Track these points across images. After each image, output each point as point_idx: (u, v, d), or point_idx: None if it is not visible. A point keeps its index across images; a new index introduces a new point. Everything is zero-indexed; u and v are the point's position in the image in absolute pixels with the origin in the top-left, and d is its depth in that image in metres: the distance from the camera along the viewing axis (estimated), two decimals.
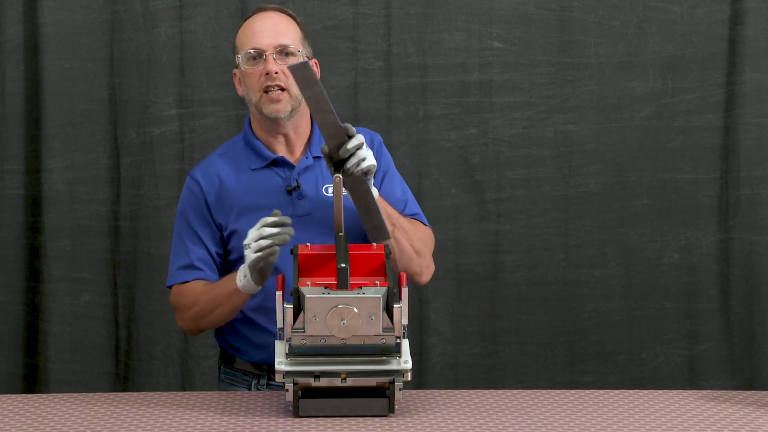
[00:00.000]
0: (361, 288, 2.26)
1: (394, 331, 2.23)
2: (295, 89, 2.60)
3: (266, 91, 2.60)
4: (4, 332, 3.66)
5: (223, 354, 2.75)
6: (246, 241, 2.43)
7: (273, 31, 2.62)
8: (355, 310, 2.21)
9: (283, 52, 2.61)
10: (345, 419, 2.25)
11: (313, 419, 2.25)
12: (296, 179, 2.64)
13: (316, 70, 2.67)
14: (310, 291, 2.23)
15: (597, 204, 3.73)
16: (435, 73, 3.68)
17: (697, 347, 3.76)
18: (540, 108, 3.71)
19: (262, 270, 2.43)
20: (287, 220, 2.42)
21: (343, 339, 2.23)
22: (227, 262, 2.69)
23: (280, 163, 2.66)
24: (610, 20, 3.69)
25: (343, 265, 2.25)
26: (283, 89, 2.60)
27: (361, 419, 2.25)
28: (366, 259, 2.34)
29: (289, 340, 2.24)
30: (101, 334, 3.67)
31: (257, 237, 2.40)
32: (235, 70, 2.69)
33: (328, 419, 2.25)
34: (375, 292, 2.24)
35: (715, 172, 3.74)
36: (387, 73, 3.67)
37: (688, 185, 3.74)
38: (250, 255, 2.41)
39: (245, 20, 2.69)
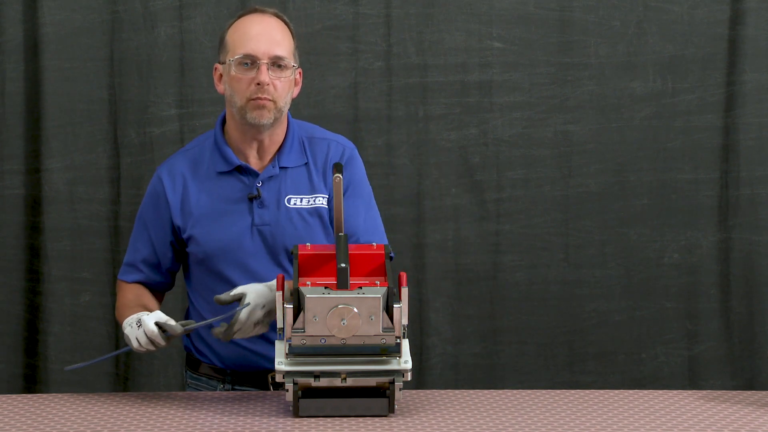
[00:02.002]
0: (361, 288, 2.26)
1: (394, 331, 2.23)
2: (281, 101, 2.56)
3: (253, 98, 2.56)
4: (4, 332, 3.65)
5: (189, 358, 2.76)
6: (133, 323, 2.44)
7: (269, 40, 2.56)
8: (355, 310, 2.21)
9: (277, 63, 2.56)
10: (345, 419, 2.25)
11: (313, 419, 2.25)
12: (257, 188, 2.60)
13: (299, 78, 2.64)
14: (310, 291, 2.23)
15: (597, 204, 3.73)
16: (435, 73, 3.68)
17: (697, 347, 3.76)
18: (540, 108, 3.71)
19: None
20: (174, 331, 2.42)
21: (343, 339, 2.23)
22: (182, 259, 2.70)
23: (244, 170, 2.61)
24: (610, 20, 3.69)
25: (343, 265, 2.25)
26: (270, 99, 2.56)
27: (361, 419, 2.25)
28: (366, 259, 2.34)
29: (289, 340, 2.24)
30: (101, 334, 3.66)
31: (139, 333, 2.43)
32: (218, 66, 2.64)
33: (328, 419, 2.25)
34: (375, 292, 2.24)
35: (715, 172, 3.74)
36: (387, 73, 3.67)
37: (688, 185, 3.74)
38: (132, 334, 2.44)
39: (239, 17, 2.63)
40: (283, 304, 2.25)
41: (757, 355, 3.75)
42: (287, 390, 2.25)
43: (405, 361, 2.26)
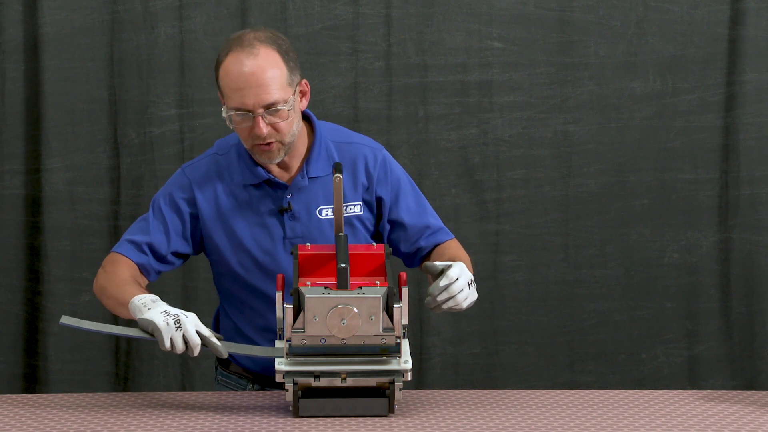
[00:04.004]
0: (361, 288, 2.26)
1: (394, 331, 2.23)
2: (287, 137, 2.48)
3: (257, 144, 2.49)
4: (4, 332, 3.66)
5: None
6: (170, 320, 2.30)
7: (257, 88, 2.42)
8: (355, 310, 2.21)
9: (272, 108, 2.45)
10: (345, 419, 2.25)
11: (313, 419, 2.25)
12: (288, 201, 2.57)
13: (307, 90, 2.56)
14: (310, 291, 2.23)
15: (597, 204, 3.73)
16: (435, 73, 3.68)
17: (697, 347, 3.77)
18: (540, 108, 3.71)
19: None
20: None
21: (343, 339, 2.23)
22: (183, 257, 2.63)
23: (273, 183, 2.57)
24: (610, 20, 3.69)
25: (343, 265, 2.25)
26: (274, 141, 2.49)
27: (361, 419, 2.25)
28: (366, 259, 2.34)
29: (289, 340, 2.24)
30: (101, 334, 3.66)
31: (176, 335, 2.29)
32: (220, 96, 2.52)
33: (328, 419, 2.25)
34: (375, 292, 2.24)
35: (715, 172, 3.74)
36: (387, 73, 3.67)
37: (688, 185, 3.74)
38: (167, 332, 2.29)
39: (225, 57, 2.47)
40: (283, 304, 2.25)
41: (757, 355, 3.75)
42: (287, 390, 2.25)
43: (405, 361, 2.26)
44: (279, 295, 2.26)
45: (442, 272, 2.36)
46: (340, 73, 3.65)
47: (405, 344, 2.28)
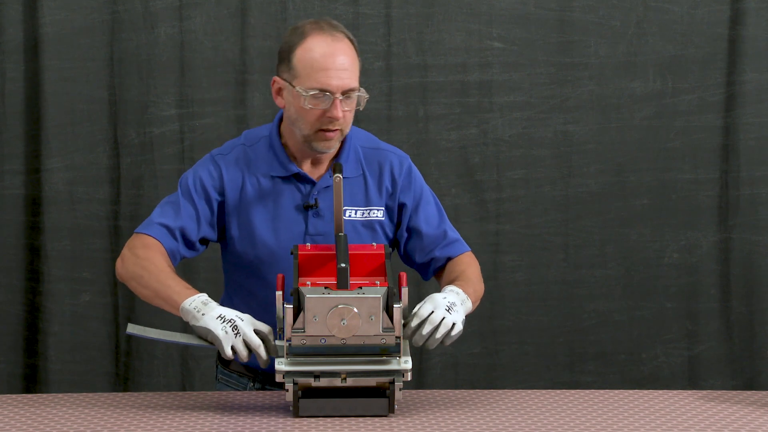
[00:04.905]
0: (361, 288, 2.26)
1: (394, 331, 2.23)
2: (347, 128, 2.51)
3: (322, 129, 2.48)
4: (4, 332, 3.66)
5: (220, 354, 2.73)
6: (228, 328, 2.29)
7: (343, 71, 2.45)
8: (355, 310, 2.21)
9: (348, 94, 2.47)
10: (345, 419, 2.25)
11: (313, 419, 2.25)
12: (315, 197, 2.56)
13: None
14: (310, 291, 2.23)
15: (597, 204, 3.73)
16: (435, 73, 3.68)
17: (697, 347, 3.77)
18: (540, 108, 3.71)
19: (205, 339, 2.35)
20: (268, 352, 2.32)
21: (343, 339, 2.23)
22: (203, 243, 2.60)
23: (301, 177, 2.56)
24: (610, 20, 3.69)
25: (343, 265, 2.25)
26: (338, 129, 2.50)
27: (361, 419, 2.25)
28: (366, 259, 2.34)
29: (289, 340, 2.24)
30: (101, 334, 3.67)
31: (237, 342, 2.29)
32: (280, 81, 2.51)
33: (328, 419, 2.25)
34: (375, 292, 2.24)
35: (715, 172, 3.74)
36: (387, 73, 3.67)
37: (688, 185, 3.74)
38: (227, 341, 2.29)
39: (303, 39, 2.48)
40: (283, 304, 2.25)
41: (757, 355, 3.75)
42: (287, 390, 2.25)
43: (405, 361, 2.26)
44: (279, 295, 2.26)
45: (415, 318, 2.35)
46: None
47: (405, 344, 2.28)
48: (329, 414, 2.27)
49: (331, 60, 2.45)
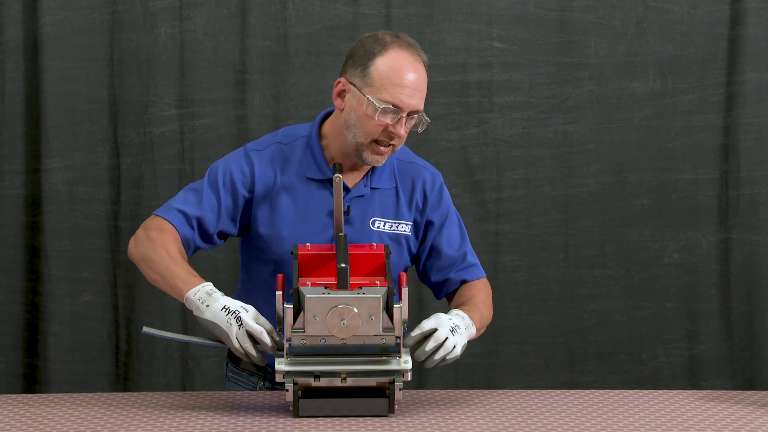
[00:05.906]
0: (361, 288, 2.26)
1: (394, 331, 2.23)
2: (400, 144, 2.50)
3: (377, 141, 2.48)
4: (4, 332, 3.66)
5: (231, 352, 2.71)
6: (232, 319, 2.29)
7: (419, 93, 2.46)
8: (355, 310, 2.21)
9: (413, 115, 2.47)
10: (345, 419, 2.25)
11: (313, 419, 2.25)
12: (348, 205, 2.54)
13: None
14: (310, 291, 2.23)
15: (597, 204, 3.73)
16: (435, 73, 3.68)
17: (697, 347, 3.77)
18: (540, 108, 3.71)
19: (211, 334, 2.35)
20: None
21: (343, 339, 2.23)
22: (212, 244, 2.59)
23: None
24: (610, 20, 3.69)
25: (343, 265, 2.25)
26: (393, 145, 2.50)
27: (361, 419, 2.25)
28: (366, 259, 2.34)
29: (289, 340, 2.24)
30: (101, 334, 3.67)
31: (239, 333, 2.28)
32: (347, 84, 2.49)
33: (328, 419, 2.25)
34: (375, 292, 2.24)
35: (715, 172, 3.74)
36: None
37: (688, 185, 3.74)
38: (231, 332, 2.29)
39: (387, 50, 2.46)
40: (283, 304, 2.25)
41: (757, 355, 3.75)
42: (287, 390, 2.25)
43: (405, 361, 2.26)
44: (279, 295, 2.26)
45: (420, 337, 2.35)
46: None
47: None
48: (329, 414, 2.27)
49: (410, 78, 2.45)
